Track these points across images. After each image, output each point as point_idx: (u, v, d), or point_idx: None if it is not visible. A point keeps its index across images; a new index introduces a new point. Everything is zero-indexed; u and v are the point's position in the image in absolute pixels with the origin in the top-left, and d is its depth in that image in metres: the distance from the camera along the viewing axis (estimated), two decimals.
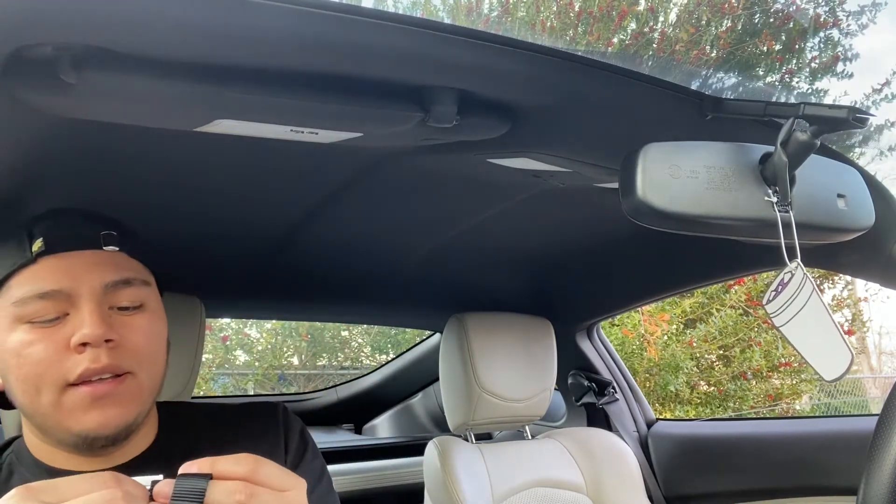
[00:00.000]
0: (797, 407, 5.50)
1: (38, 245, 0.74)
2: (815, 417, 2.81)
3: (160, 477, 0.57)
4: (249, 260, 1.35)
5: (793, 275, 0.68)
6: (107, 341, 0.72)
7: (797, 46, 5.69)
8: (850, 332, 5.27)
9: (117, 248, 0.78)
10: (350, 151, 0.85)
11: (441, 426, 2.19)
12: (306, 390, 2.48)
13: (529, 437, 1.60)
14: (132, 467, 0.78)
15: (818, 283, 4.91)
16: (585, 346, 1.78)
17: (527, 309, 1.61)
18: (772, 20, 5.64)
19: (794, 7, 5.75)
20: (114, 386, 0.72)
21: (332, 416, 2.36)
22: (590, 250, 1.46)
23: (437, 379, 1.62)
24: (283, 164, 0.97)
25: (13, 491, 0.53)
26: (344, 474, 1.78)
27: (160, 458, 0.81)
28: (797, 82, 5.77)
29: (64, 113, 0.67)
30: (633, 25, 5.89)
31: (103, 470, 0.69)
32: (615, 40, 5.77)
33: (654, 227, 0.67)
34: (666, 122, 0.79)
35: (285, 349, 6.02)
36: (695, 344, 4.83)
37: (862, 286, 5.64)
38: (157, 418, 0.86)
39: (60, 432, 0.73)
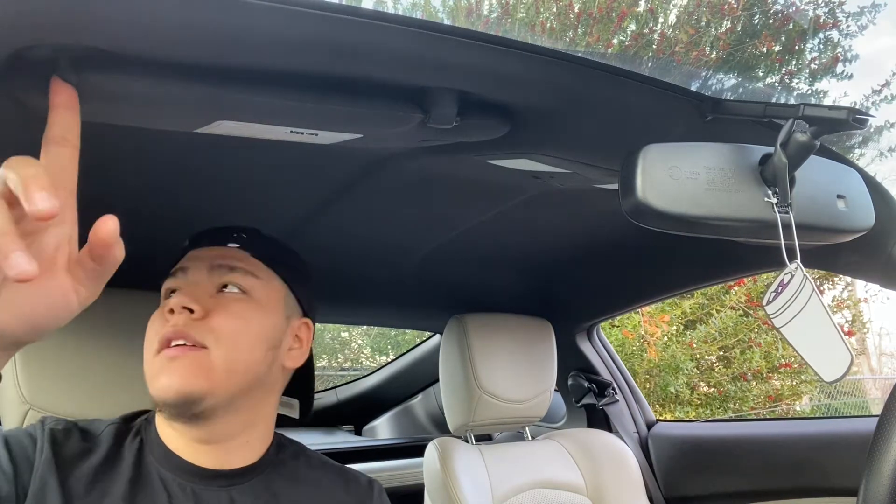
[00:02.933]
0: (797, 408, 5.51)
1: (185, 243, 0.91)
2: (815, 418, 2.81)
3: None
4: None
5: (793, 276, 0.68)
6: (191, 311, 0.80)
7: (797, 47, 5.70)
8: (850, 333, 5.28)
9: (238, 246, 0.89)
10: (350, 153, 0.85)
11: (441, 427, 2.19)
12: None
13: (529, 439, 1.60)
14: (233, 476, 0.85)
15: (818, 283, 4.92)
16: (585, 347, 1.78)
17: (527, 310, 1.61)
18: (771, 21, 5.65)
19: (794, 8, 5.75)
20: (183, 352, 0.79)
21: (331, 417, 2.36)
22: (590, 251, 1.46)
23: (437, 380, 1.62)
24: (283, 165, 0.98)
25: None
26: None
27: (261, 476, 0.87)
28: (797, 83, 5.78)
29: None
30: (632, 27, 5.89)
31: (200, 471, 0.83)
32: (615, 41, 5.78)
33: (653, 228, 0.67)
34: (666, 123, 0.79)
35: None
36: (695, 345, 4.84)
37: (862, 287, 5.64)
38: (266, 440, 0.91)
39: (152, 395, 0.81)
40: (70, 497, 0.75)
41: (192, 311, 0.80)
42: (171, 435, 0.85)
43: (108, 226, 0.48)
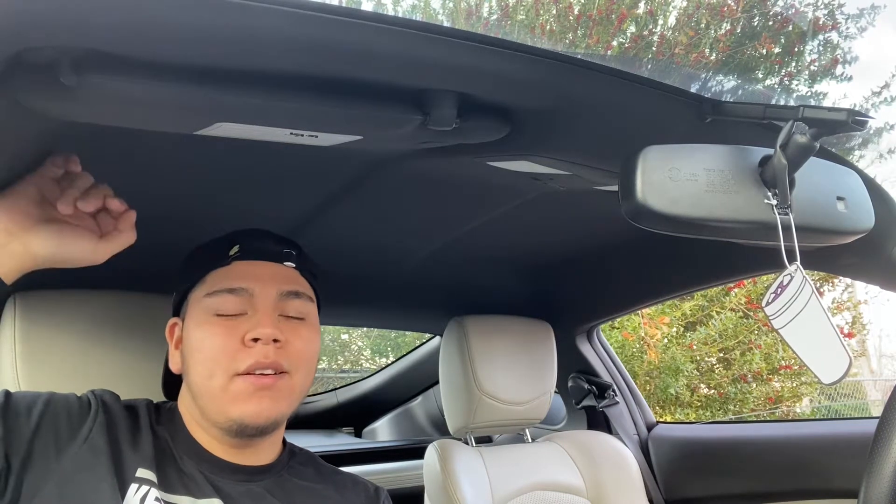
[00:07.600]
0: (797, 410, 5.50)
1: (234, 251, 0.89)
2: (815, 420, 2.81)
3: None
4: None
5: (792, 277, 0.68)
6: (275, 341, 0.84)
7: (796, 49, 5.70)
8: (850, 335, 5.27)
9: (294, 265, 0.92)
10: (350, 154, 0.85)
11: (441, 429, 2.19)
12: None
13: (529, 441, 1.60)
14: (252, 472, 0.89)
15: (818, 285, 4.92)
16: (585, 349, 1.78)
17: (527, 312, 1.61)
18: (771, 23, 5.65)
19: (793, 10, 5.76)
20: (274, 381, 0.84)
21: (331, 419, 2.36)
22: (590, 253, 1.46)
23: (437, 382, 1.62)
24: (283, 167, 0.98)
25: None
26: None
27: (276, 477, 0.91)
28: (796, 85, 5.78)
29: (65, 116, 0.67)
30: (632, 28, 5.90)
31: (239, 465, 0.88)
32: (615, 43, 5.79)
33: (653, 229, 0.67)
34: (665, 125, 0.79)
35: None
36: (695, 347, 4.83)
37: (862, 289, 5.63)
38: (280, 442, 0.96)
39: (219, 415, 0.84)
40: (118, 449, 0.81)
41: (276, 340, 0.84)
42: (204, 436, 0.88)
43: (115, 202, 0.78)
